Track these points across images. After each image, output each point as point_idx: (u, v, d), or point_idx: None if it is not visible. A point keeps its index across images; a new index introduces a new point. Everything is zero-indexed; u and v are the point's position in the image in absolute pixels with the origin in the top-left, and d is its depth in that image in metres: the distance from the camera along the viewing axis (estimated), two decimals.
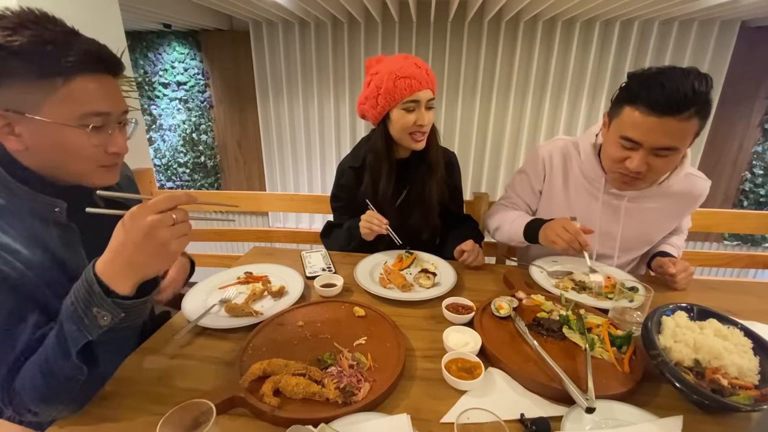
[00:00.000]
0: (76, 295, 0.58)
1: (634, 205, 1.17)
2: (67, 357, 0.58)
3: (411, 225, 1.33)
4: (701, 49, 2.75)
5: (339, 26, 2.97)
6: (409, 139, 1.21)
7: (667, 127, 0.89)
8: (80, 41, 0.64)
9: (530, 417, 0.65)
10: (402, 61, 1.17)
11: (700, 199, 1.18)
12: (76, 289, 0.59)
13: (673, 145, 0.91)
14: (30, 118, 0.62)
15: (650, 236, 1.24)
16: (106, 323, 0.58)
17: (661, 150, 0.93)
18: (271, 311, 0.95)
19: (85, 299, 0.57)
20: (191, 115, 3.40)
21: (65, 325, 0.58)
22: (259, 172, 3.54)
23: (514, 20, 2.79)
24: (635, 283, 0.96)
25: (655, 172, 0.99)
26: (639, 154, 0.95)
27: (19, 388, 0.61)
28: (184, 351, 0.84)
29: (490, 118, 3.11)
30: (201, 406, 0.58)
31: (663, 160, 0.95)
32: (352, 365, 0.75)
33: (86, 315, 0.57)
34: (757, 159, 2.98)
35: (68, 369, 0.60)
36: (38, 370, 0.60)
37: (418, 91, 1.14)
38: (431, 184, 1.30)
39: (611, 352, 0.80)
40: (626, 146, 0.97)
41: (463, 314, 0.93)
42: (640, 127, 0.92)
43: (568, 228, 1.04)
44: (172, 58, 3.25)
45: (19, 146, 0.64)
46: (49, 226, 0.69)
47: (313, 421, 0.63)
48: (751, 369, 0.70)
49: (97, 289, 0.57)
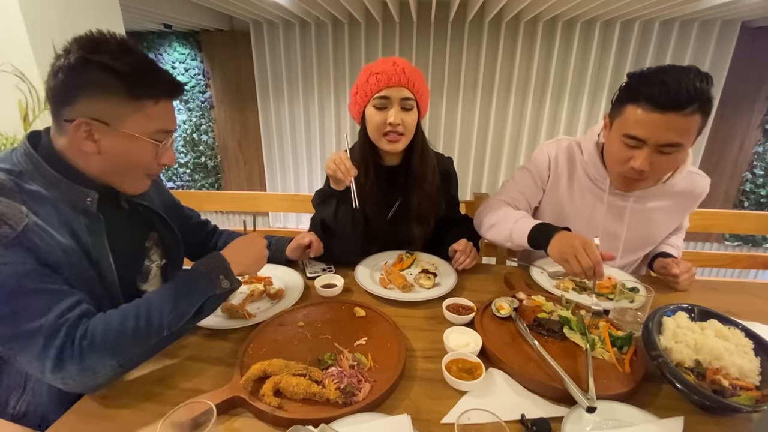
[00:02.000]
0: (209, 264, 0.80)
1: (639, 206, 1.15)
2: (176, 306, 0.73)
3: (403, 238, 1.29)
4: (702, 50, 2.75)
5: (339, 26, 2.97)
6: (383, 140, 1.16)
7: (672, 123, 0.88)
8: (161, 70, 0.76)
9: (531, 417, 0.65)
10: (383, 60, 1.15)
11: (701, 197, 1.18)
12: (208, 261, 0.80)
13: (678, 141, 0.91)
14: (113, 128, 0.72)
15: (653, 236, 1.24)
16: (226, 287, 0.79)
17: (666, 147, 0.92)
18: (266, 314, 0.95)
19: (218, 268, 0.80)
20: (192, 116, 3.41)
21: (195, 282, 0.77)
22: (259, 172, 3.55)
23: (514, 21, 2.79)
24: (636, 284, 0.95)
25: (660, 171, 0.97)
26: (643, 152, 0.94)
27: (97, 334, 0.65)
28: (185, 351, 0.84)
29: (490, 119, 3.11)
30: (201, 406, 0.58)
31: (667, 158, 0.94)
32: (353, 365, 0.75)
33: (216, 278, 0.78)
34: (757, 159, 2.98)
35: (169, 318, 0.71)
36: (133, 320, 0.69)
37: (388, 87, 1.10)
38: (420, 197, 1.24)
39: (612, 353, 0.80)
40: (630, 145, 0.96)
41: (463, 315, 0.93)
42: (644, 124, 0.91)
43: (590, 254, 0.90)
44: (172, 58, 3.25)
45: (93, 149, 0.72)
46: (79, 215, 0.75)
47: (313, 422, 0.63)
48: (752, 370, 0.70)
49: (227, 265, 0.81)
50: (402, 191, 1.27)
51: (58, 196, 0.72)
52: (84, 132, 0.71)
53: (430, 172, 1.25)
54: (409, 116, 1.15)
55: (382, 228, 1.25)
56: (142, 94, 0.72)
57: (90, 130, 0.71)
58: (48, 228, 0.68)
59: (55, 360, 0.62)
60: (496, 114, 3.09)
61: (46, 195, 0.71)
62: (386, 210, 1.28)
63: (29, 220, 0.65)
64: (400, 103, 1.13)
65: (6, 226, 0.63)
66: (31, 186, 0.70)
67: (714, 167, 3.01)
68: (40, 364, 0.62)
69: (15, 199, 0.66)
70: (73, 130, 0.70)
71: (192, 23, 2.88)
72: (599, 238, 0.96)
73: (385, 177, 1.25)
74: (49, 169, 0.72)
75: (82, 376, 0.64)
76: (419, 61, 3.00)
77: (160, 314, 0.71)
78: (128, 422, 0.66)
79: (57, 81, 0.69)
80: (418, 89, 1.14)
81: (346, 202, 1.12)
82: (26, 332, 0.62)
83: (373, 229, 1.24)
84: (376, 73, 1.12)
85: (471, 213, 1.63)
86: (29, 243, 0.65)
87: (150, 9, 2.32)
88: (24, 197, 0.68)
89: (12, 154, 0.73)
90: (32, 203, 0.68)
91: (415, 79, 1.13)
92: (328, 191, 1.15)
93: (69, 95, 0.70)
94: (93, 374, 0.65)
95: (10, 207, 0.65)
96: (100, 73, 0.68)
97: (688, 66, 0.89)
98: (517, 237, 1.10)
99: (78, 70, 0.68)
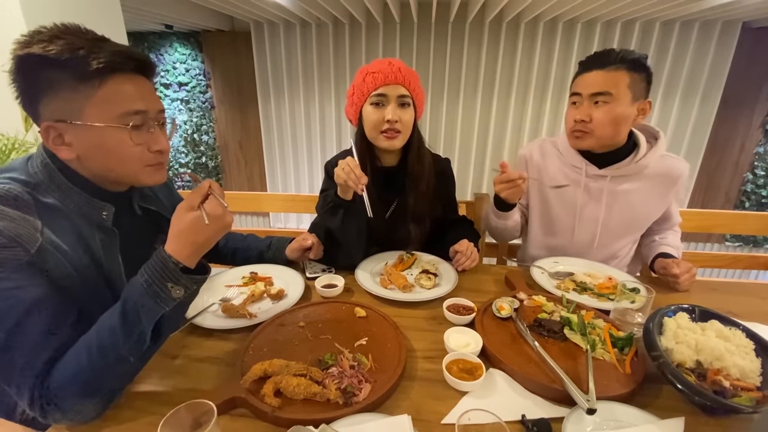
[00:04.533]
0: (149, 273, 0.63)
1: (615, 187, 1.24)
2: (128, 334, 0.63)
3: (401, 238, 1.30)
4: (702, 50, 2.75)
5: (340, 27, 2.97)
6: (381, 138, 1.17)
7: (596, 77, 1.12)
8: (110, 44, 0.68)
9: (531, 418, 0.65)
10: (378, 60, 1.16)
11: (680, 179, 1.24)
12: (147, 270, 0.64)
13: (603, 89, 1.11)
14: (76, 124, 0.66)
15: (636, 220, 1.28)
16: (179, 296, 0.65)
17: (596, 96, 1.12)
18: (267, 314, 0.94)
19: (161, 275, 0.63)
20: (192, 116, 3.41)
21: (140, 301, 0.63)
22: (260, 172, 3.55)
23: (515, 21, 2.79)
24: (637, 284, 0.95)
25: (599, 123, 1.15)
26: (582, 105, 1.16)
27: (58, 381, 0.61)
28: (185, 351, 0.84)
29: (491, 119, 3.11)
30: (202, 406, 0.58)
31: (602, 109, 1.13)
32: (353, 366, 0.75)
33: (161, 290, 0.63)
34: (758, 160, 2.97)
35: (127, 347, 0.63)
36: (86, 356, 0.62)
37: (385, 85, 1.12)
38: (416, 197, 1.26)
39: (612, 354, 0.80)
40: (573, 101, 1.19)
41: (464, 315, 0.93)
42: (578, 82, 1.17)
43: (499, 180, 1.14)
44: (173, 58, 3.25)
45: (71, 155, 0.68)
46: (94, 229, 0.73)
47: (313, 422, 0.63)
48: (753, 370, 0.70)
49: (172, 265, 0.63)
50: (399, 192, 1.28)
51: (74, 209, 0.71)
52: (54, 137, 0.67)
53: (426, 172, 1.26)
54: (406, 114, 1.16)
55: (380, 229, 1.25)
56: (87, 76, 0.64)
57: (59, 133, 0.66)
58: (62, 244, 0.67)
59: (39, 410, 0.61)
60: (497, 114, 3.09)
61: (62, 208, 0.69)
62: (384, 210, 1.29)
63: (43, 238, 0.64)
64: (396, 101, 1.14)
65: (20, 248, 0.61)
66: (47, 199, 0.68)
67: (715, 168, 3.01)
68: (31, 411, 0.62)
69: (31, 214, 0.64)
70: (44, 137, 0.66)
71: (193, 24, 2.89)
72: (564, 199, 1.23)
73: (383, 177, 1.26)
74: (66, 180, 0.70)
75: (70, 418, 0.63)
76: (420, 62, 3.00)
77: (114, 346, 0.63)
78: (129, 422, 0.66)
79: (15, 89, 0.65)
80: (414, 88, 1.16)
81: (354, 212, 1.11)
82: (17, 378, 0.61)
83: (371, 231, 1.24)
84: (372, 72, 1.13)
85: (471, 213, 1.63)
86: (42, 264, 0.63)
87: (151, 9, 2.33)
88: (40, 211, 0.66)
89: (28, 163, 0.70)
90: (48, 217, 0.66)
91: (411, 78, 1.16)
92: (336, 200, 1.11)
93: (27, 102, 0.66)
94: (79, 413, 0.63)
95: (25, 225, 0.62)
96: (39, 67, 0.63)
97: None
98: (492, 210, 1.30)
99: (18, 72, 0.64)
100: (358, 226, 1.13)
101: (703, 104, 2.86)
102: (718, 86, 2.80)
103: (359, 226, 1.14)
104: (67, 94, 0.65)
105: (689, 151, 2.96)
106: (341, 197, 1.10)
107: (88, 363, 0.62)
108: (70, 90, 0.65)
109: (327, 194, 1.17)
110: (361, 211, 1.08)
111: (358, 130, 1.22)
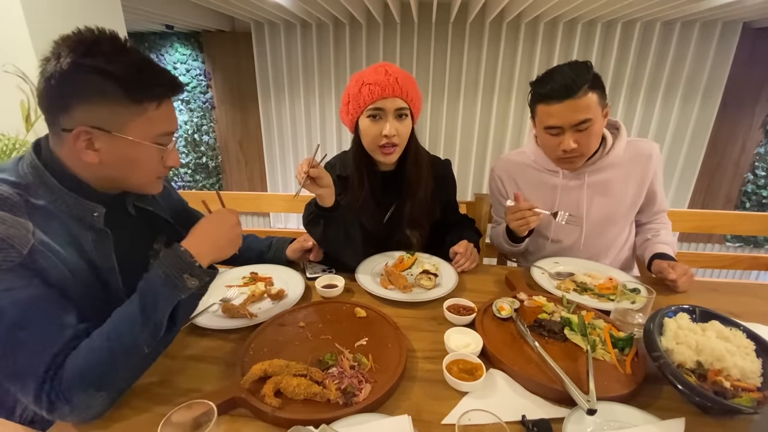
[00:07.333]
0: (166, 265, 0.68)
1: (593, 179, 1.27)
2: (146, 323, 0.66)
3: (400, 242, 1.29)
4: (703, 51, 2.75)
5: (340, 27, 2.98)
6: (378, 151, 1.15)
7: (572, 107, 1.10)
8: (160, 69, 0.72)
9: (532, 418, 0.65)
10: (374, 68, 1.13)
11: (652, 158, 1.26)
12: (164, 261, 0.69)
13: (585, 117, 1.10)
14: (115, 135, 0.68)
15: (618, 207, 1.30)
16: (193, 286, 0.70)
17: (579, 124, 1.12)
18: (268, 314, 0.94)
19: (178, 267, 0.68)
20: (193, 116, 3.41)
21: (158, 291, 0.67)
22: (260, 172, 3.55)
23: (515, 21, 2.79)
24: (637, 285, 0.95)
25: (587, 144, 1.16)
26: (566, 135, 1.15)
27: (71, 372, 0.62)
28: (186, 351, 0.84)
29: (491, 119, 3.11)
30: (202, 406, 0.58)
31: (586, 133, 1.13)
32: (353, 366, 0.75)
33: (178, 280, 0.68)
34: (759, 160, 2.97)
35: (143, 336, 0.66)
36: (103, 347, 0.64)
37: (382, 99, 1.08)
38: (414, 200, 1.24)
39: (613, 354, 0.80)
40: (553, 133, 1.16)
41: (464, 315, 0.93)
42: (553, 115, 1.13)
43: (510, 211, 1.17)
44: (174, 59, 3.26)
45: (94, 160, 0.69)
46: (86, 229, 0.73)
47: (314, 422, 0.63)
48: (753, 371, 0.70)
49: (189, 258, 0.69)
50: (397, 196, 1.27)
51: (65, 210, 0.70)
52: (84, 141, 0.67)
53: (423, 176, 1.25)
54: (403, 126, 1.14)
55: (378, 233, 1.25)
56: (143, 97, 0.68)
57: (90, 138, 0.67)
58: (55, 245, 0.67)
59: (47, 404, 0.61)
60: (498, 115, 3.09)
61: (52, 210, 0.69)
62: (382, 215, 1.28)
63: (35, 240, 0.63)
64: (394, 113, 1.12)
65: (11, 249, 0.60)
66: (38, 201, 0.68)
67: (715, 168, 3.01)
68: (37, 407, 0.62)
69: (22, 215, 0.64)
70: (72, 139, 0.66)
71: (193, 24, 2.89)
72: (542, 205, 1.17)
73: (380, 182, 1.25)
74: (55, 182, 0.69)
75: (77, 413, 0.63)
76: (420, 62, 3.00)
77: (132, 335, 0.65)
78: (129, 422, 0.66)
79: (49, 87, 0.65)
80: (411, 98, 1.13)
81: (334, 222, 1.08)
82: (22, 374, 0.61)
83: (369, 234, 1.24)
84: (368, 83, 1.09)
85: (472, 213, 1.63)
86: (35, 265, 0.63)
87: (151, 10, 2.33)
88: (31, 213, 0.66)
89: (18, 164, 0.70)
90: (39, 219, 0.66)
91: (408, 87, 1.12)
92: (315, 211, 1.08)
93: (64, 103, 0.66)
94: (86, 408, 0.64)
95: (16, 226, 0.62)
96: (96, 78, 0.64)
97: (569, 61, 1.15)
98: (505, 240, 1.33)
99: (72, 75, 0.64)
100: (346, 232, 1.10)
101: (704, 104, 2.86)
102: (718, 86, 2.80)
103: (347, 232, 1.11)
104: (115, 107, 0.67)
105: (689, 151, 2.96)
106: (320, 205, 1.06)
107: (103, 354, 0.64)
108: (120, 105, 0.67)
109: (308, 204, 1.12)
110: (344, 219, 1.08)
111: (355, 138, 1.21)
